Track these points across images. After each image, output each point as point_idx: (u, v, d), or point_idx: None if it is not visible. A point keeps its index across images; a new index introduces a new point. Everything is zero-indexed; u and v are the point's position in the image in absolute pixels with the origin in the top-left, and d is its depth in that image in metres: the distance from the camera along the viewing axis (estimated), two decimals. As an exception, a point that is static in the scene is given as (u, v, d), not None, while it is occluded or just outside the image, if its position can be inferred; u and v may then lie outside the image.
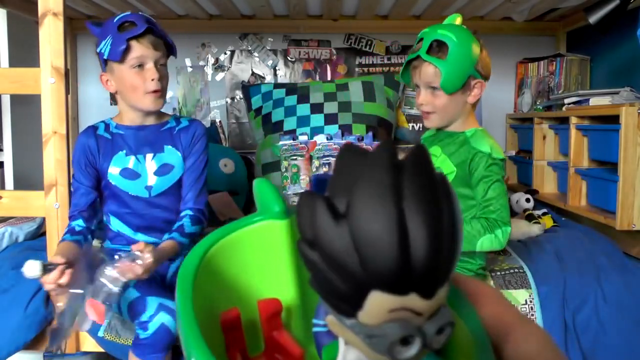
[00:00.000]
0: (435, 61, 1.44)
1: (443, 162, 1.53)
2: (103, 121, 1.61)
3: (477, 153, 1.46)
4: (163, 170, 1.58)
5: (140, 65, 1.48)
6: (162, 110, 1.61)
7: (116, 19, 1.48)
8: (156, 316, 1.33)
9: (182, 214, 1.57)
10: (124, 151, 1.55)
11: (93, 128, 1.58)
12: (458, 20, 1.51)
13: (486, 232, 1.42)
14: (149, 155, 1.57)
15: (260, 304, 0.33)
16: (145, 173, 1.56)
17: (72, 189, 1.55)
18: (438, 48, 1.45)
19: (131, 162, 1.55)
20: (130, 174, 1.55)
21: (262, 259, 0.35)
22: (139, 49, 1.47)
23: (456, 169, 1.50)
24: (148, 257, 1.27)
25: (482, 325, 0.22)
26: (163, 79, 1.52)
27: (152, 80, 1.48)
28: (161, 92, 1.52)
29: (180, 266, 0.31)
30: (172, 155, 1.59)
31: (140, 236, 1.56)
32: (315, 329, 0.27)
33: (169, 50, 1.56)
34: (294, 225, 0.34)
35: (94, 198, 1.53)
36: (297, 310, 0.35)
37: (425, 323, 0.18)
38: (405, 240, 0.16)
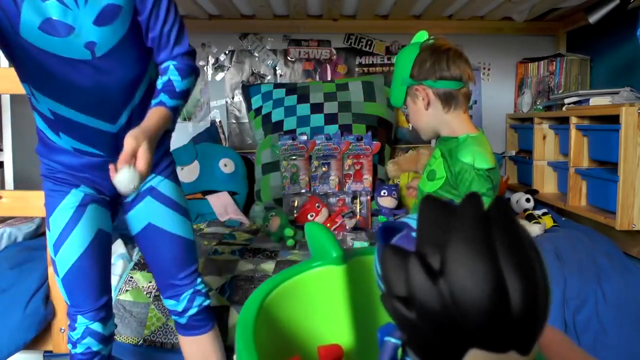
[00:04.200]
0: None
1: (439, 165, 1.53)
2: None
3: (462, 165, 1.45)
4: (106, 15, 1.08)
5: None
6: None
7: None
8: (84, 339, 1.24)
9: (163, 66, 1.18)
10: None
11: None
12: (424, 36, 1.55)
13: None
14: None
15: (321, 351, 0.32)
16: (80, 24, 1.06)
17: None
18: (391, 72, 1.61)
19: (53, 8, 1.04)
20: (57, 27, 1.05)
21: (320, 304, 0.34)
22: None
23: (446, 175, 1.50)
24: (143, 153, 1.00)
25: None
26: None
27: None
28: None
29: (240, 313, 0.30)
30: None
31: (84, 118, 1.14)
32: None
33: None
34: (352, 270, 0.33)
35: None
36: (357, 354, 0.34)
37: None
38: (505, 298, 0.16)
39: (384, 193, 2.28)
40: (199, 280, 1.35)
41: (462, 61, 1.53)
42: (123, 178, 0.99)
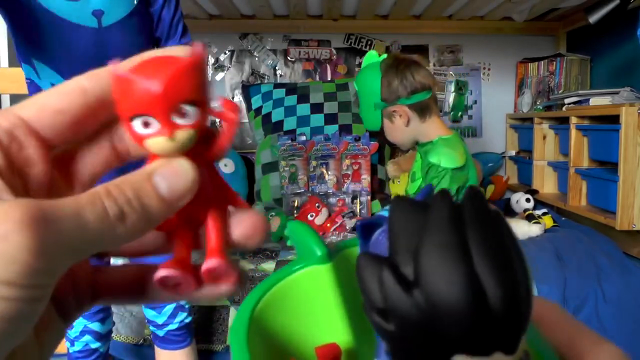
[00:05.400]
0: (359, 110, 1.67)
1: (418, 168, 1.60)
2: None
3: (430, 165, 1.52)
4: None
5: None
6: None
7: None
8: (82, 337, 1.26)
9: None
10: None
11: None
12: (375, 56, 1.58)
13: None
14: None
15: (319, 351, 0.32)
16: None
17: None
18: (356, 98, 1.66)
19: None
20: None
21: (311, 305, 0.34)
22: None
23: (420, 173, 1.58)
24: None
25: (554, 354, 0.21)
26: None
27: None
28: None
29: (231, 327, 0.30)
30: None
31: None
32: None
33: None
34: (339, 266, 0.33)
35: None
36: (355, 351, 0.34)
37: None
38: (483, 302, 0.16)
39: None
40: None
41: (423, 69, 1.58)
42: None
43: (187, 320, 1.33)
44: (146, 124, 0.20)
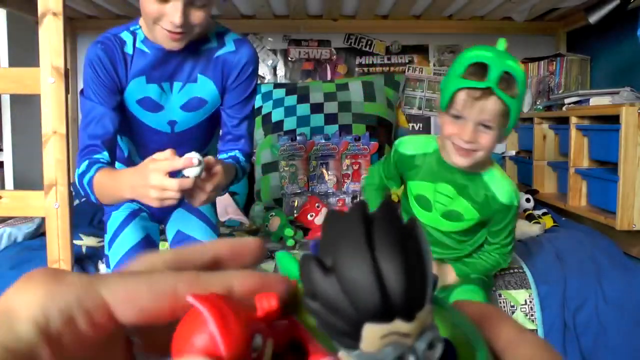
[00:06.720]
0: (507, 99, 1.19)
1: (461, 206, 1.38)
2: (128, 28, 1.27)
3: (503, 206, 1.36)
4: (192, 104, 1.31)
5: None
6: None
7: None
8: None
9: (231, 153, 1.34)
10: (144, 77, 1.26)
11: (115, 39, 1.24)
12: (504, 45, 1.28)
13: (500, 264, 1.50)
14: (177, 85, 1.28)
15: None
16: (169, 106, 1.30)
17: (83, 114, 1.26)
18: (507, 83, 1.20)
19: (153, 91, 1.28)
20: (150, 105, 1.29)
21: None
22: None
23: (479, 215, 1.38)
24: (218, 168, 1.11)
25: (484, 344, 0.24)
26: (193, 23, 1.17)
27: (171, 22, 1.14)
28: (184, 35, 1.18)
29: None
30: (206, 87, 1.30)
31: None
32: None
33: None
34: None
35: (119, 123, 1.24)
36: None
37: (415, 342, 0.22)
38: (380, 280, 0.21)
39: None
40: None
41: None
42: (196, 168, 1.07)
43: None
44: None
